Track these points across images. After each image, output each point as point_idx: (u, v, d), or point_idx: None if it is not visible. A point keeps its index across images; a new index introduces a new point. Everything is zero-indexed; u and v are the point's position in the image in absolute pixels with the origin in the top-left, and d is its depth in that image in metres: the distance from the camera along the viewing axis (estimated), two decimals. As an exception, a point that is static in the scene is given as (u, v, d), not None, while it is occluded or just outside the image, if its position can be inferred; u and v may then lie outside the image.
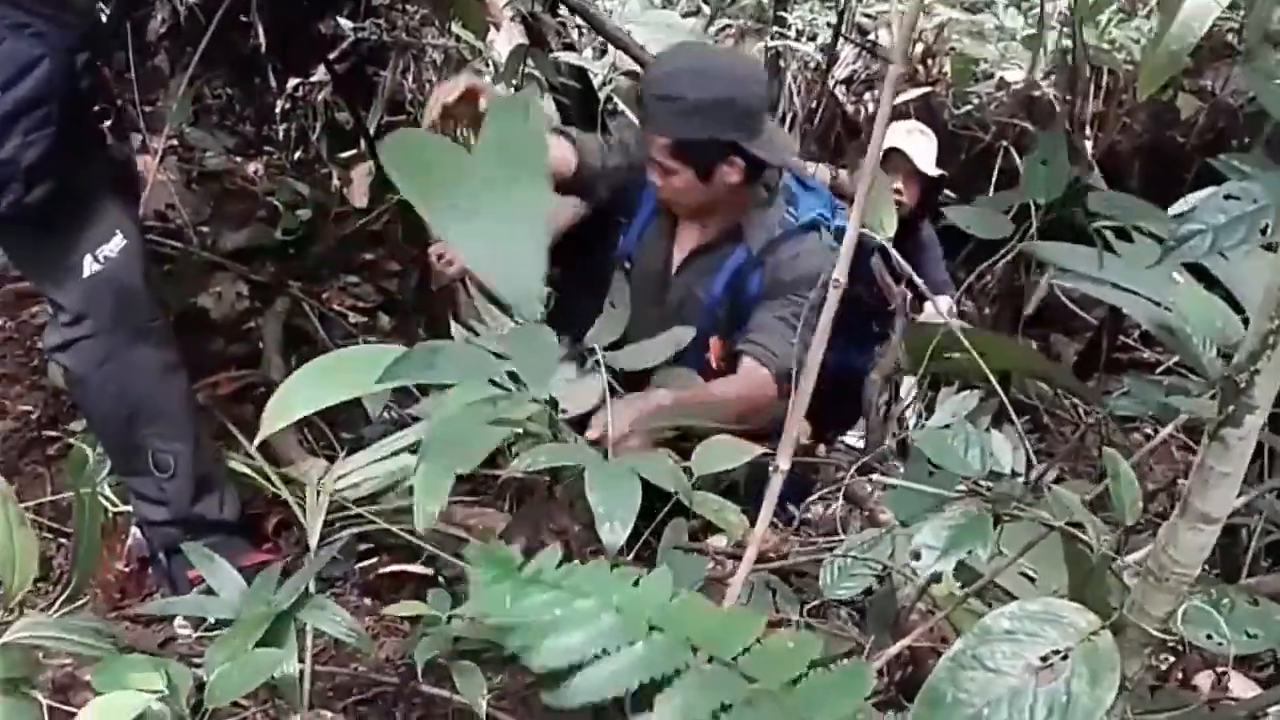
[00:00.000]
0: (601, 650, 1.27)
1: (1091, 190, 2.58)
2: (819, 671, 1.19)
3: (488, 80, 2.62)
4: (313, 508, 1.85)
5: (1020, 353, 2.47)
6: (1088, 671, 1.14)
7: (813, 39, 5.99)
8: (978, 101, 5.46)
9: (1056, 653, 1.15)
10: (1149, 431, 3.25)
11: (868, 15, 5.97)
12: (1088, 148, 4.35)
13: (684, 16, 6.28)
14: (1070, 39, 4.08)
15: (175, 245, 3.24)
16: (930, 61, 5.55)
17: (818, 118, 5.73)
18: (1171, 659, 1.56)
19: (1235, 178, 1.10)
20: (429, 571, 2.18)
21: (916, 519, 1.58)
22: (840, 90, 5.90)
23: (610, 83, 3.53)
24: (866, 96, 5.92)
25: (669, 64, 2.63)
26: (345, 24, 3.56)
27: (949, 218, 2.50)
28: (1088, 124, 4.85)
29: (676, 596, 1.35)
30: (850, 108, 5.90)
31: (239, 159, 3.60)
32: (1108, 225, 2.34)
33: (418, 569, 2.21)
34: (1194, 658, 1.55)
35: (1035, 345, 4.84)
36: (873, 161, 1.44)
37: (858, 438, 3.14)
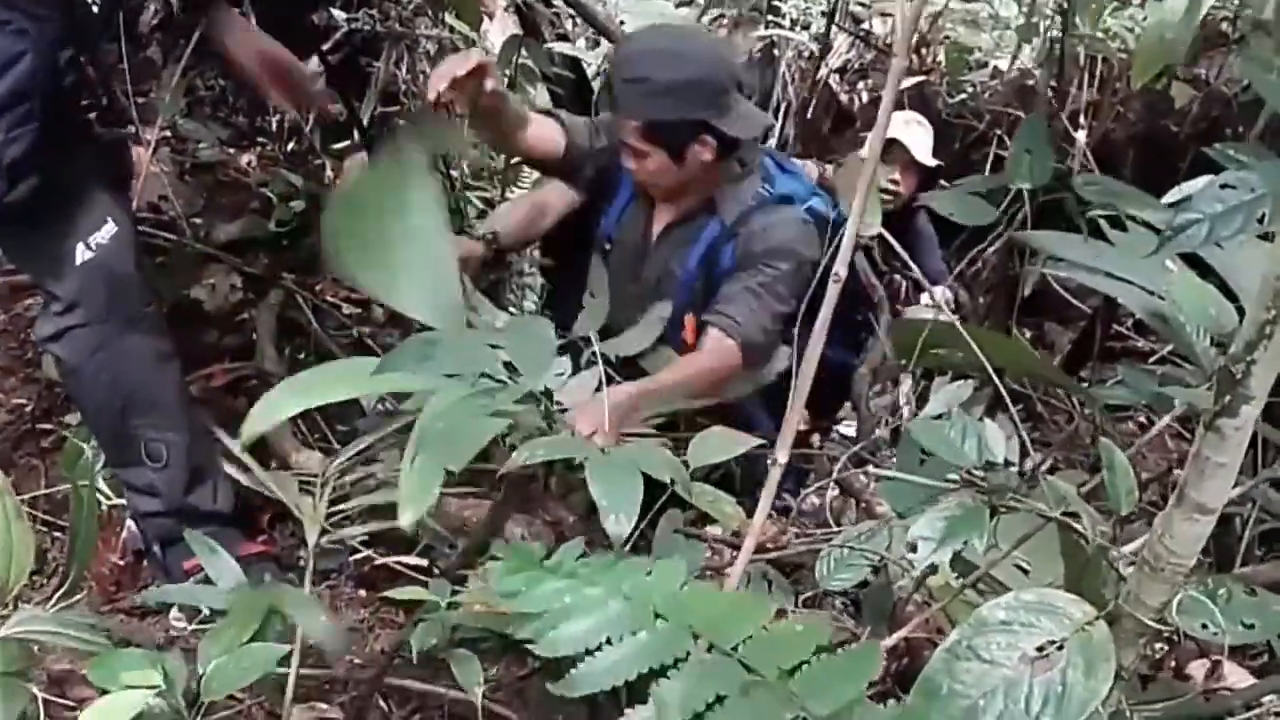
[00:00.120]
0: (606, 639, 1.28)
1: (1083, 172, 2.58)
2: (821, 658, 1.20)
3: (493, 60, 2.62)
4: (309, 514, 1.85)
5: (1012, 348, 2.46)
6: (1083, 661, 1.14)
7: (806, 28, 5.98)
8: (972, 90, 5.46)
9: (1052, 643, 1.16)
10: (1142, 420, 3.26)
11: (861, 4, 5.96)
12: (1081, 137, 4.35)
13: (677, 6, 6.27)
14: (1059, 28, 4.08)
15: (168, 237, 3.23)
16: (924, 50, 5.54)
17: (811, 107, 5.73)
18: (1165, 648, 1.57)
19: (1231, 167, 1.09)
20: (424, 563, 2.18)
21: (912, 510, 1.58)
22: (834, 79, 5.89)
23: (604, 73, 3.52)
24: (860, 85, 5.92)
25: (636, 46, 2.64)
26: (338, 15, 3.54)
27: (932, 205, 2.49)
28: (1082, 113, 4.85)
29: (686, 584, 1.36)
30: (844, 97, 5.90)
31: (232, 150, 3.58)
32: (1103, 215, 2.34)
33: (413, 560, 2.21)
34: (1188, 647, 1.56)
35: (1029, 334, 4.85)
36: (875, 154, 1.44)
37: (852, 428, 3.15)
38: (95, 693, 1.51)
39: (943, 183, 4.17)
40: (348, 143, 3.45)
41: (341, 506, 1.96)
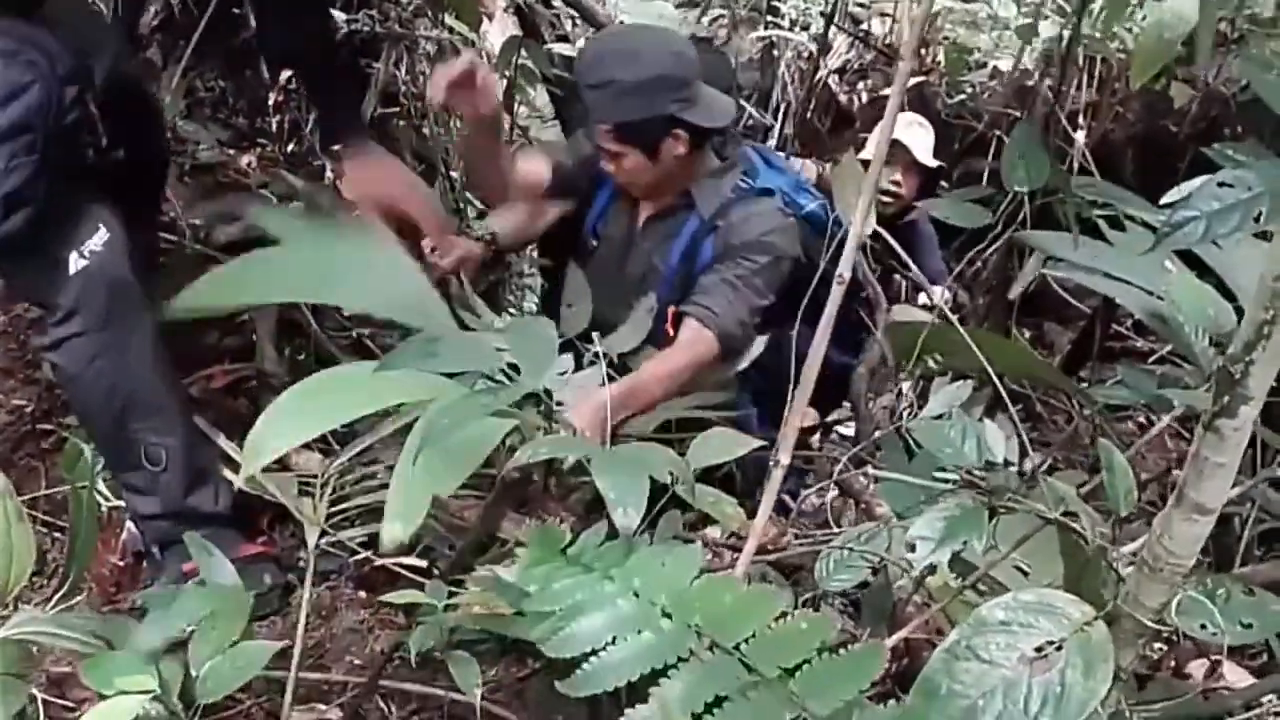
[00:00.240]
0: (613, 638, 1.27)
1: (1082, 174, 2.58)
2: (822, 658, 1.20)
3: (484, 62, 2.65)
4: (309, 516, 1.85)
5: (1011, 349, 2.47)
6: (1082, 662, 1.14)
7: (806, 28, 5.98)
8: (971, 91, 5.46)
9: (1051, 643, 1.16)
10: (1142, 420, 3.26)
11: (860, 4, 5.96)
12: (1080, 137, 4.35)
13: (677, 7, 6.27)
14: (1063, 27, 4.08)
15: (168, 239, 3.23)
16: (924, 51, 5.54)
17: (810, 107, 5.73)
18: (1164, 649, 1.57)
19: (1229, 166, 1.09)
20: (424, 564, 2.17)
21: (912, 511, 1.58)
22: (833, 80, 5.89)
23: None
24: (860, 86, 5.92)
25: (595, 51, 2.67)
26: (338, 15, 3.54)
27: (929, 211, 2.51)
28: (1081, 113, 4.85)
29: (696, 580, 1.36)
30: (843, 97, 5.90)
31: (232, 151, 3.57)
32: (1102, 215, 2.34)
33: (413, 561, 2.21)
34: (1186, 647, 1.56)
35: (1029, 335, 4.85)
36: (880, 155, 1.45)
37: (851, 428, 3.15)
38: (94, 694, 1.51)
39: (943, 184, 4.18)
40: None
41: (341, 507, 1.97)
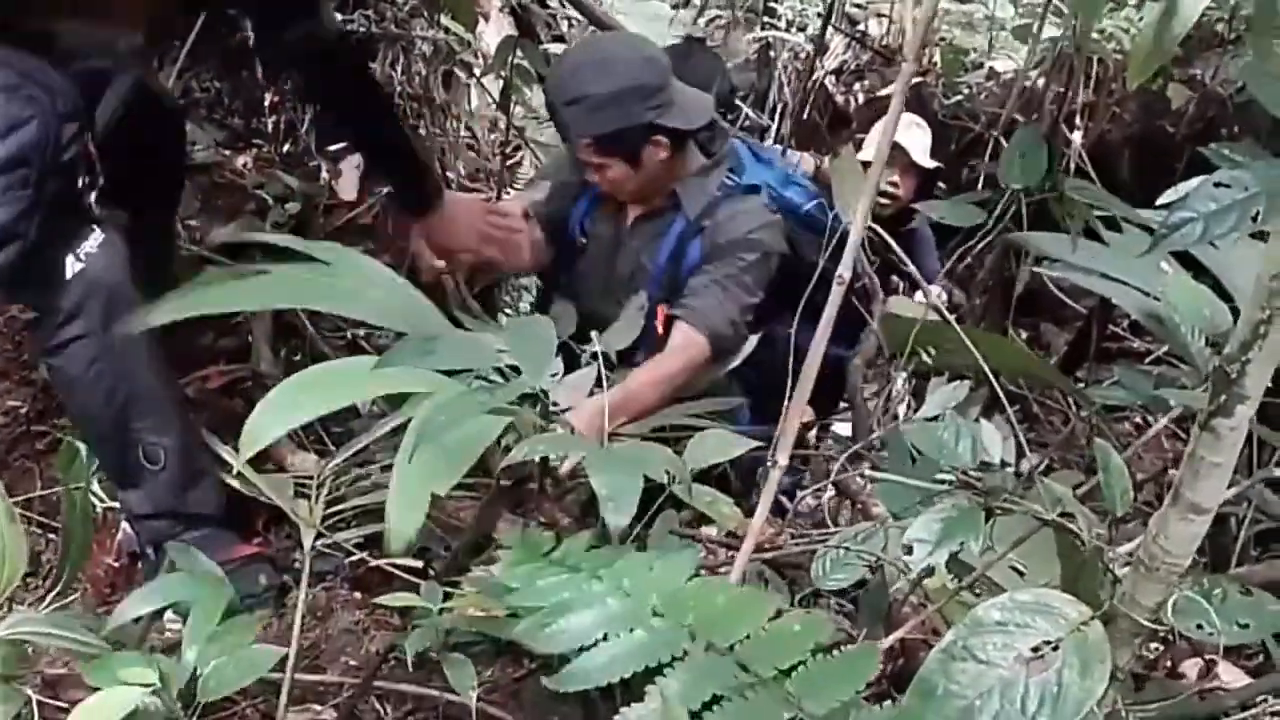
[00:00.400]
0: (603, 635, 1.27)
1: (1079, 175, 2.59)
2: (817, 659, 1.20)
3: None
4: (305, 517, 1.84)
5: (1008, 349, 2.47)
6: (1078, 662, 1.14)
7: (802, 29, 5.99)
8: (968, 91, 5.46)
9: (1047, 643, 1.16)
10: (1139, 421, 3.26)
11: (857, 5, 5.96)
12: (1077, 138, 4.35)
13: (673, 7, 6.28)
14: (1060, 28, 4.07)
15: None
16: (921, 52, 5.54)
17: (807, 108, 5.73)
18: (1160, 648, 1.57)
19: (1225, 166, 1.09)
20: (420, 565, 2.17)
21: (908, 511, 1.58)
22: (830, 80, 5.89)
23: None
24: (856, 87, 5.92)
25: (566, 67, 2.66)
26: (334, 16, 3.54)
27: (924, 212, 2.52)
28: (1078, 114, 4.85)
29: (688, 582, 1.36)
30: (840, 98, 5.90)
31: (228, 152, 3.56)
32: (1100, 215, 2.34)
33: (409, 562, 2.20)
34: (1182, 646, 1.56)
35: (1025, 335, 4.85)
36: (882, 156, 1.44)
37: (847, 427, 3.15)
38: (89, 695, 1.51)
39: (940, 185, 4.17)
40: (343, 144, 3.44)
41: (337, 508, 1.96)
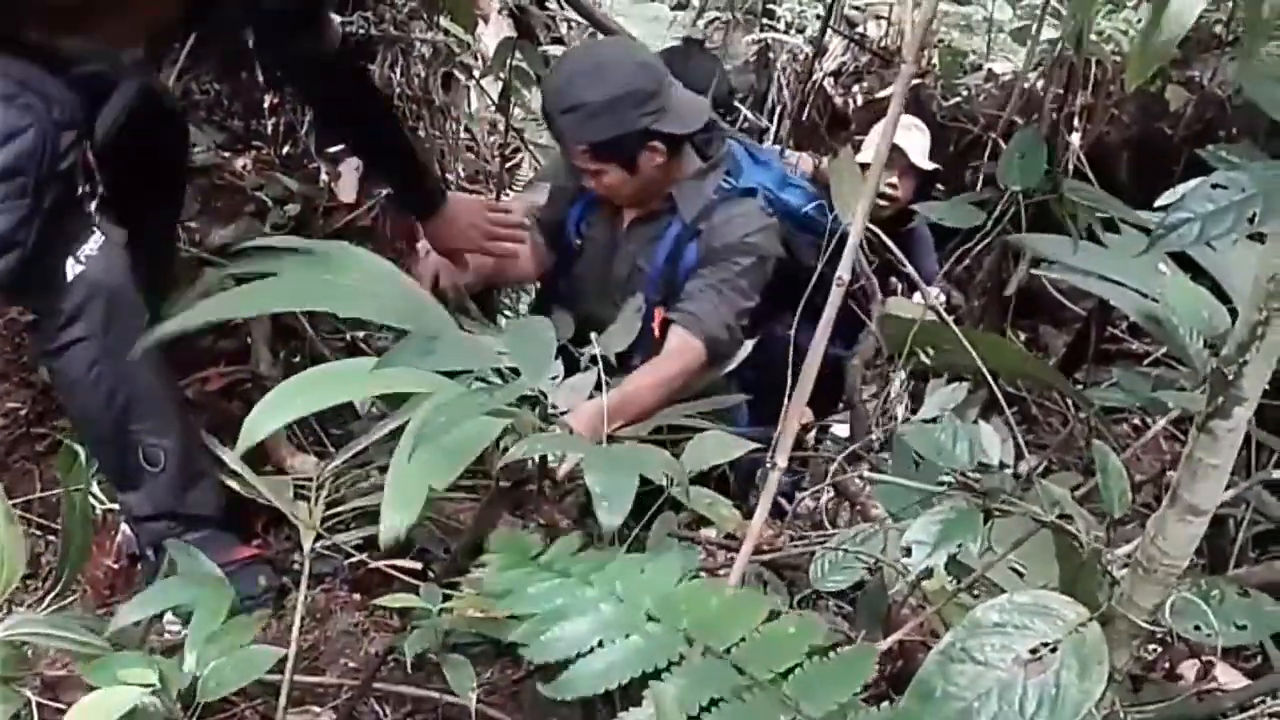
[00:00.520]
0: (599, 641, 1.27)
1: (1077, 176, 2.59)
2: (814, 661, 1.20)
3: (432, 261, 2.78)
4: (304, 519, 1.84)
5: (1006, 350, 2.47)
6: (1076, 663, 1.14)
7: (801, 31, 6.00)
8: (966, 93, 5.46)
9: (1045, 645, 1.16)
10: (1137, 422, 3.26)
11: (855, 8, 5.97)
12: (1076, 140, 4.35)
13: (672, 9, 6.28)
14: (1058, 30, 4.08)
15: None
16: (919, 54, 5.54)
17: (806, 110, 5.73)
18: (1159, 650, 1.57)
19: (1223, 168, 1.09)
20: (419, 566, 2.17)
21: (907, 513, 1.58)
22: (829, 82, 5.89)
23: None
24: (855, 88, 5.92)
25: (560, 75, 2.67)
26: (333, 18, 3.54)
27: (923, 213, 2.52)
28: (1076, 116, 4.85)
29: (681, 583, 1.36)
30: (839, 100, 5.90)
31: (227, 154, 3.56)
32: (1098, 216, 2.34)
33: (408, 564, 2.21)
34: (1180, 648, 1.56)
35: (1024, 337, 4.85)
36: (881, 158, 1.44)
37: (845, 428, 3.15)
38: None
39: (939, 186, 4.18)
40: (342, 146, 3.44)
41: (336, 510, 1.96)
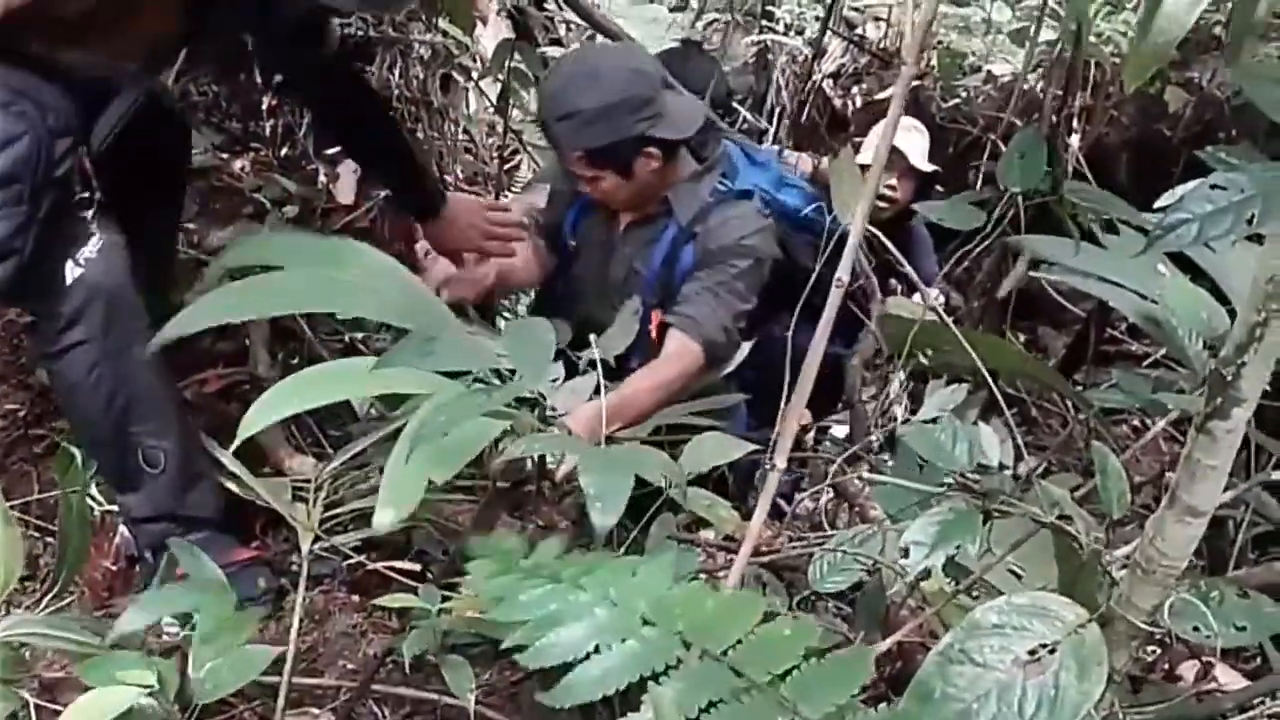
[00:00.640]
0: (595, 647, 1.27)
1: (1076, 178, 2.59)
2: (811, 663, 1.19)
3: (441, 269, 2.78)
4: (303, 521, 1.84)
5: (1006, 351, 2.47)
6: (1075, 664, 1.14)
7: (800, 33, 6.00)
8: (965, 95, 5.46)
9: (1044, 646, 1.16)
10: (1136, 424, 3.26)
11: (854, 9, 5.97)
12: (1075, 141, 4.35)
13: (671, 10, 6.28)
14: (1057, 31, 4.07)
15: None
16: (919, 55, 5.54)
17: (805, 111, 5.73)
18: (1158, 651, 1.56)
19: (1221, 169, 1.09)
20: (418, 568, 2.17)
21: (906, 514, 1.58)
22: (828, 84, 5.90)
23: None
24: (854, 90, 5.92)
25: (556, 82, 2.67)
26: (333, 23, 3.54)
27: (926, 214, 2.52)
28: (1075, 117, 4.85)
29: (673, 587, 1.35)
30: (838, 101, 5.90)
31: (225, 155, 3.56)
32: (1097, 218, 2.34)
33: (407, 565, 2.21)
34: (1179, 649, 1.55)
35: (1023, 338, 4.85)
36: (881, 159, 1.44)
37: (844, 429, 3.15)
38: (86, 698, 1.50)
39: (938, 188, 4.18)
40: (340, 148, 3.44)
41: (335, 512, 1.96)
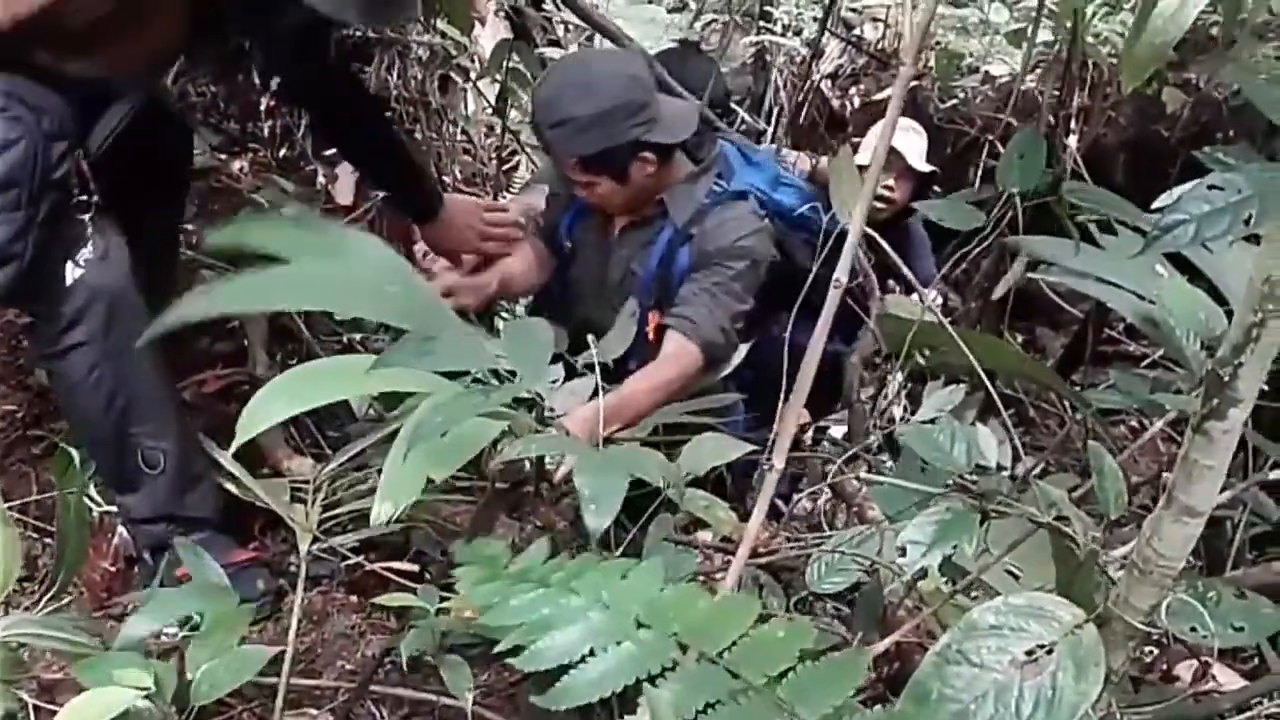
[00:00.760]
0: (590, 650, 1.27)
1: (1074, 178, 2.59)
2: (807, 664, 1.20)
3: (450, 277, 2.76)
4: (301, 522, 1.84)
5: (1004, 352, 2.47)
6: (1073, 665, 1.14)
7: (798, 34, 6.00)
8: (963, 96, 5.46)
9: (1041, 647, 1.16)
10: (1134, 424, 3.26)
11: (852, 10, 5.97)
12: (1073, 142, 4.35)
13: (670, 11, 6.28)
14: (1054, 32, 4.08)
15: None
16: (918, 56, 5.54)
17: (803, 112, 5.73)
18: (1155, 652, 1.57)
19: (1219, 169, 1.09)
20: (416, 569, 2.17)
21: (903, 515, 1.58)
22: (826, 85, 5.90)
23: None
24: (852, 91, 5.92)
25: (549, 90, 2.66)
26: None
27: (925, 213, 2.52)
28: (1073, 117, 4.85)
29: (665, 590, 1.35)
30: (836, 102, 5.90)
31: (224, 156, 3.56)
32: (1093, 219, 2.34)
33: (405, 566, 2.21)
34: (1177, 649, 1.56)
35: (1021, 339, 4.85)
36: (880, 160, 1.44)
37: (841, 429, 3.15)
38: (84, 699, 1.50)
39: (936, 189, 4.18)
40: (337, 150, 3.44)
41: (333, 513, 1.96)
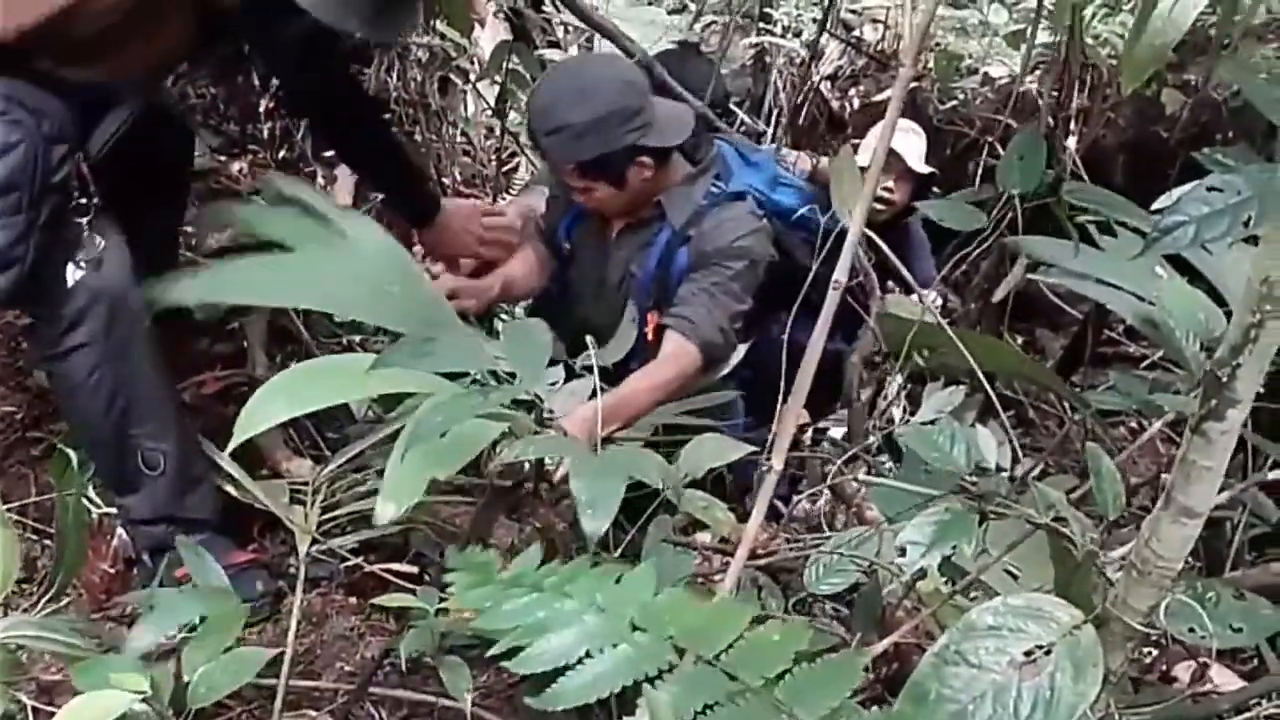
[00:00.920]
0: (586, 653, 1.27)
1: (1073, 179, 2.58)
2: (804, 666, 1.20)
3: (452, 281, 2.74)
4: (300, 523, 1.84)
5: (1004, 353, 2.47)
6: (1071, 666, 1.14)
7: (798, 35, 6.00)
8: (962, 97, 5.46)
9: (1040, 647, 1.16)
10: (1134, 425, 3.26)
11: (852, 11, 5.97)
12: (1072, 143, 4.35)
13: (670, 13, 6.28)
14: (1054, 34, 4.07)
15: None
16: (917, 57, 5.54)
17: (803, 113, 5.73)
18: (1154, 652, 1.56)
19: (1218, 171, 1.09)
20: (415, 570, 2.17)
21: (902, 515, 1.58)
22: (825, 86, 5.90)
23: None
24: (852, 92, 5.92)
25: (544, 97, 2.66)
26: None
27: (925, 212, 2.52)
28: (1072, 119, 4.85)
29: (660, 593, 1.35)
30: (836, 103, 5.91)
31: (223, 158, 3.57)
32: (1092, 220, 2.34)
33: (404, 568, 2.21)
34: (1175, 650, 1.56)
35: (1021, 340, 4.85)
36: (879, 161, 1.44)
37: (841, 429, 3.15)
38: (82, 701, 1.50)
39: (935, 190, 4.18)
40: (335, 153, 3.44)
41: (332, 514, 1.96)
